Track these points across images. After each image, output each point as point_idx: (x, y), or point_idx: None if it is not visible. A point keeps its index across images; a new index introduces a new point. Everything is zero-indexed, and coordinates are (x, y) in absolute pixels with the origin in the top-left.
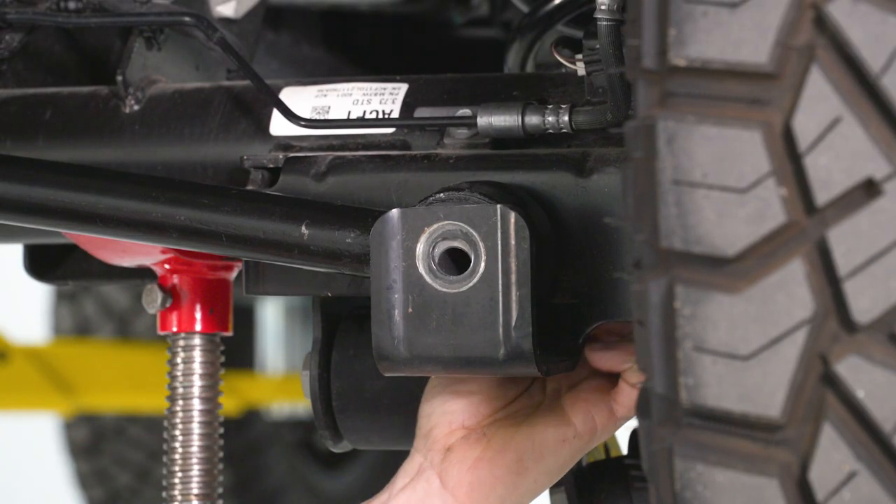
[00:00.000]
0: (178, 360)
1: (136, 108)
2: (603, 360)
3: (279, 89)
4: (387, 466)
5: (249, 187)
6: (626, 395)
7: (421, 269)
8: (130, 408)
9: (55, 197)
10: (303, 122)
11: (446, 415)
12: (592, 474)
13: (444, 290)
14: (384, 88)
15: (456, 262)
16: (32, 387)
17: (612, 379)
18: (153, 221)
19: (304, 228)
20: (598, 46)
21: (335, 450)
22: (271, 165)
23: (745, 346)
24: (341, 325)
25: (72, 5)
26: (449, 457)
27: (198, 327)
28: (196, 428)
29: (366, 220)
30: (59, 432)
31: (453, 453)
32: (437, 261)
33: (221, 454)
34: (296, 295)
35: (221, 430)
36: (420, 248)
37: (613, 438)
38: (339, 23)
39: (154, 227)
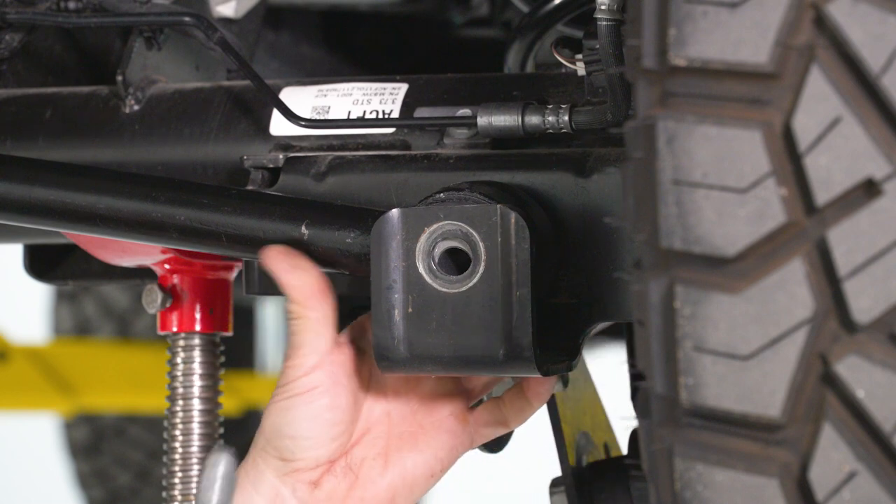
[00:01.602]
0: (178, 360)
1: (136, 108)
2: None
3: (279, 89)
4: None
5: (249, 187)
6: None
7: (421, 269)
8: (130, 408)
9: (55, 197)
10: (303, 122)
11: (313, 448)
12: (592, 474)
13: (444, 290)
14: (384, 88)
15: (456, 262)
16: (32, 387)
17: (465, 404)
18: (153, 221)
19: (304, 228)
20: (598, 46)
21: None
22: (271, 165)
23: (745, 346)
24: (341, 324)
25: (72, 5)
26: (316, 494)
27: (198, 327)
28: (196, 428)
29: (366, 220)
30: (59, 432)
31: (321, 490)
32: (437, 261)
33: None
34: None
35: (221, 430)
36: (420, 248)
37: (613, 438)
38: (339, 23)
39: (154, 227)
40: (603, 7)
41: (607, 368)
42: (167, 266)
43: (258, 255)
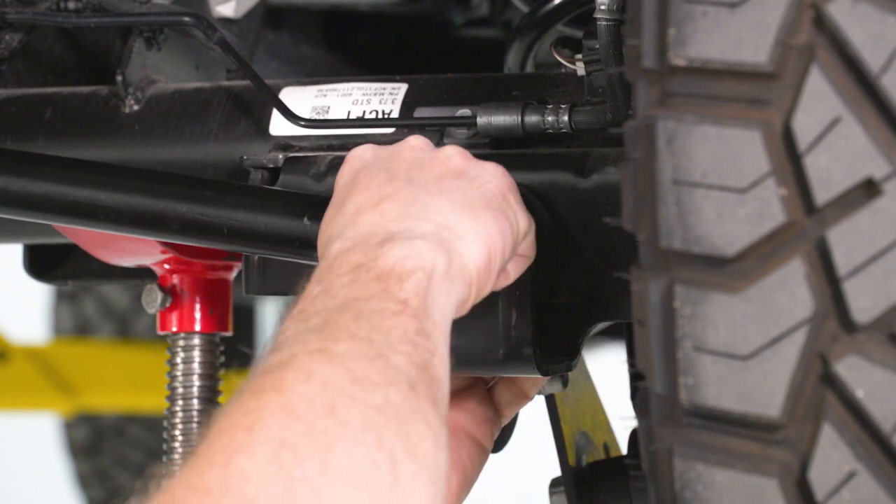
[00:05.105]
0: (178, 360)
1: (135, 108)
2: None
3: (279, 89)
4: None
5: None
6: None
7: None
8: (130, 408)
9: (56, 191)
10: (303, 122)
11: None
12: (592, 474)
13: None
14: (384, 88)
15: None
16: (32, 387)
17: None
18: (154, 214)
19: (305, 221)
20: (597, 46)
21: None
22: (271, 165)
23: (744, 346)
24: None
25: (72, 5)
26: None
27: (198, 327)
28: (196, 428)
29: None
30: (59, 432)
31: None
32: None
33: None
34: (296, 294)
35: None
36: None
37: (613, 438)
38: (339, 23)
39: (155, 221)
40: (603, 7)
41: (607, 368)
42: (167, 266)
43: None
